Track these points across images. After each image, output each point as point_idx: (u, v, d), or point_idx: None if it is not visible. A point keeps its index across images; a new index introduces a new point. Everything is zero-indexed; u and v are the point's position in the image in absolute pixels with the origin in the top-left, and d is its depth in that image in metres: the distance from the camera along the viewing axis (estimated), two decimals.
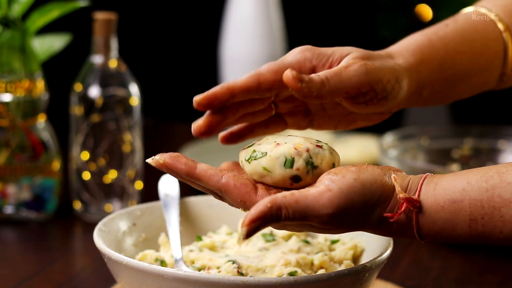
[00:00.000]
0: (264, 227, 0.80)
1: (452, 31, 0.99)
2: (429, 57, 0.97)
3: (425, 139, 1.56)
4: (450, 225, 0.81)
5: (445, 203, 0.81)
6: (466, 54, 0.99)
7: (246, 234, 0.79)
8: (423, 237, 0.83)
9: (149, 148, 1.57)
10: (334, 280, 0.86)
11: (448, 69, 0.98)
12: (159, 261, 0.98)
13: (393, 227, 0.82)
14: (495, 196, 0.79)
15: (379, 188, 0.82)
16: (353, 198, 0.81)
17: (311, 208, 0.80)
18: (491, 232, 0.80)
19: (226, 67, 2.04)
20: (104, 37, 1.36)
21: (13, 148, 1.36)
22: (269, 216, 0.79)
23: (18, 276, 1.18)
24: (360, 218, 0.82)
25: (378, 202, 0.82)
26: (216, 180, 0.84)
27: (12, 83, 1.35)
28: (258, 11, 2.01)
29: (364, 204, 0.81)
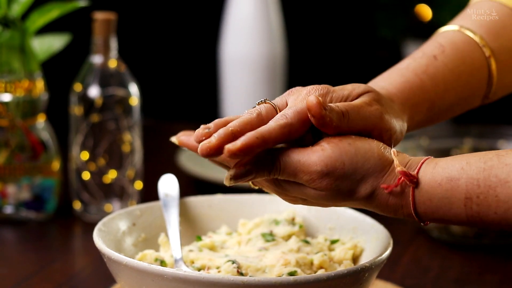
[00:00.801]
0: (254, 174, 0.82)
1: (441, 65, 0.99)
2: (421, 102, 0.97)
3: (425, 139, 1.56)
4: (446, 203, 0.81)
5: (442, 180, 0.82)
6: (454, 90, 1.00)
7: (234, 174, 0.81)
8: (420, 215, 0.83)
9: (149, 148, 1.57)
10: (333, 280, 0.86)
11: (436, 107, 0.99)
12: (158, 261, 0.98)
13: (388, 201, 0.83)
14: (492, 176, 0.80)
15: (374, 157, 0.83)
16: (343, 160, 0.82)
17: (301, 163, 0.82)
18: (486, 213, 0.80)
19: (226, 67, 2.05)
20: (103, 37, 1.36)
21: (12, 148, 1.36)
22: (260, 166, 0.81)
23: (18, 276, 1.18)
24: (351, 184, 0.82)
25: (372, 172, 0.82)
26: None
27: (11, 83, 1.35)
28: (258, 11, 2.01)
29: (354, 169, 0.82)
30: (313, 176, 0.82)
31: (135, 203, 1.40)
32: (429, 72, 0.99)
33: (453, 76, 1.00)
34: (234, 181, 0.81)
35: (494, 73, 1.02)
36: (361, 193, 0.83)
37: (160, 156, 1.70)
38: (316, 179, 0.82)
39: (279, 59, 2.04)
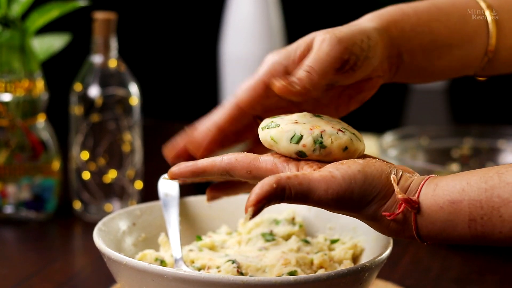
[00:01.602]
0: (267, 205, 0.81)
1: (427, 3, 1.01)
2: (399, 19, 0.98)
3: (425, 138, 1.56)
4: (450, 226, 0.81)
5: (444, 203, 0.81)
6: (442, 23, 1.00)
7: (252, 214, 0.80)
8: (423, 238, 0.83)
9: (149, 148, 1.57)
10: (333, 280, 0.86)
11: (424, 35, 0.99)
12: (159, 261, 0.98)
13: (390, 225, 0.83)
14: (494, 196, 0.79)
15: (381, 184, 0.82)
16: (353, 188, 0.82)
17: (312, 192, 0.81)
18: (491, 232, 0.80)
19: (225, 67, 2.04)
20: (103, 37, 1.36)
21: (12, 148, 1.36)
22: (273, 196, 0.81)
23: (18, 275, 1.18)
24: (358, 208, 0.82)
25: (377, 198, 0.82)
26: (218, 162, 0.88)
27: (11, 83, 1.35)
28: (258, 11, 2.01)
29: (362, 196, 0.82)
30: (321, 204, 0.82)
31: (135, 203, 1.40)
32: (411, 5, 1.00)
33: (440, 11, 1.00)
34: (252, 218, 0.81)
35: (492, 24, 1.01)
36: (365, 215, 0.83)
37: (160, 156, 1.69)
38: (325, 205, 0.82)
39: None
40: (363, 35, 0.93)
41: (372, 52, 0.94)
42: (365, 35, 0.93)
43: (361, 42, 0.93)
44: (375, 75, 0.97)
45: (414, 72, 1.00)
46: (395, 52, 0.98)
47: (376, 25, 0.96)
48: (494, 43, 1.01)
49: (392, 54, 0.97)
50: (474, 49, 1.01)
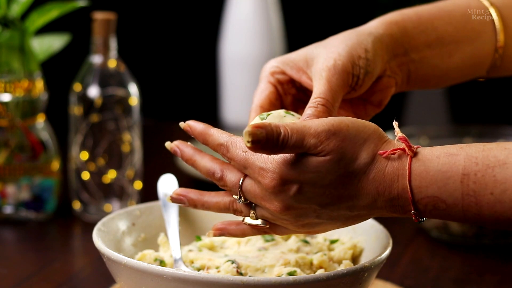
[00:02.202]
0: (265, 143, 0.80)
1: (428, 5, 1.02)
2: (400, 20, 0.99)
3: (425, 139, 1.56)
4: (443, 178, 0.81)
5: (440, 154, 0.82)
6: (445, 21, 1.00)
7: (251, 132, 0.80)
8: (414, 189, 0.82)
9: (148, 148, 1.57)
10: (333, 280, 0.86)
11: (428, 32, 0.99)
12: (158, 261, 0.98)
13: (386, 170, 0.82)
14: (491, 156, 0.80)
15: (372, 126, 0.84)
16: (347, 123, 0.83)
17: (307, 127, 0.82)
18: (482, 192, 0.80)
19: (225, 67, 2.05)
20: (103, 37, 1.36)
21: (12, 148, 1.36)
22: (270, 130, 0.81)
23: (18, 276, 1.18)
24: (354, 147, 0.82)
25: (372, 137, 0.83)
26: (226, 135, 0.87)
27: (11, 83, 1.35)
28: (258, 11, 2.01)
29: (357, 131, 0.83)
30: (320, 137, 0.82)
31: (134, 203, 1.40)
32: (411, 9, 1.01)
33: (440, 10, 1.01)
34: (251, 138, 0.80)
35: (498, 20, 1.01)
36: (361, 159, 0.82)
37: (159, 156, 1.70)
38: (324, 140, 0.82)
39: None
40: (360, 49, 0.94)
41: (372, 66, 0.94)
42: (361, 49, 0.94)
43: (358, 59, 0.94)
44: (385, 75, 0.97)
45: (428, 72, 1.00)
46: (400, 50, 0.98)
47: (374, 30, 0.97)
48: (503, 38, 1.01)
49: (398, 53, 0.98)
50: (483, 45, 1.02)
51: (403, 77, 0.99)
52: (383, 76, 0.98)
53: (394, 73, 0.98)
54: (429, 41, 0.99)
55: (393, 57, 0.98)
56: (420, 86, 1.02)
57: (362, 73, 0.94)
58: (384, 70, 0.97)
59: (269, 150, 0.81)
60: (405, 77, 0.99)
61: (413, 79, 1.00)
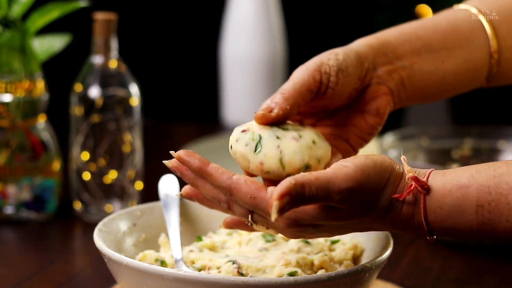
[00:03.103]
0: (291, 204, 0.79)
1: (411, 22, 1.02)
2: (380, 35, 0.99)
3: (425, 139, 1.56)
4: (458, 211, 0.81)
5: (452, 187, 0.81)
6: (430, 29, 1.00)
7: (279, 207, 0.78)
8: (430, 224, 0.82)
9: (149, 148, 1.57)
10: (334, 280, 0.86)
11: (412, 41, 1.00)
12: (159, 262, 0.98)
13: (402, 211, 0.83)
14: (503, 183, 0.80)
15: (389, 167, 0.83)
16: (368, 173, 0.82)
17: (331, 183, 0.81)
18: (498, 220, 0.80)
19: (226, 67, 2.05)
20: (104, 38, 1.36)
21: (13, 148, 1.36)
22: (295, 192, 0.79)
23: (18, 276, 1.18)
24: (373, 197, 0.82)
25: (390, 181, 0.83)
26: (227, 176, 0.85)
27: (12, 84, 1.35)
28: (258, 11, 2.01)
29: (378, 179, 0.82)
30: (345, 194, 0.81)
31: (135, 203, 1.40)
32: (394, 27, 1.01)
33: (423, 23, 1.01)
34: (281, 213, 0.79)
35: (488, 27, 1.01)
36: (380, 206, 0.83)
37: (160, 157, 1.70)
38: (347, 197, 0.81)
39: (280, 59, 2.04)
40: (330, 54, 0.95)
41: (343, 64, 0.94)
42: (331, 54, 0.95)
43: (327, 60, 0.94)
44: (373, 83, 0.97)
45: (424, 79, 1.00)
46: (383, 59, 0.98)
47: (351, 44, 0.98)
48: (495, 43, 1.01)
49: (381, 61, 0.98)
50: (476, 50, 1.02)
51: (398, 85, 0.99)
52: (371, 84, 0.98)
53: (384, 80, 0.98)
54: (415, 49, 1.00)
55: (378, 65, 0.98)
56: (421, 98, 1.01)
57: (334, 70, 0.94)
58: (371, 78, 0.98)
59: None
60: (400, 86, 0.99)
61: (409, 87, 1.00)
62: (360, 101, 0.98)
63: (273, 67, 2.03)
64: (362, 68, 0.96)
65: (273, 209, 0.79)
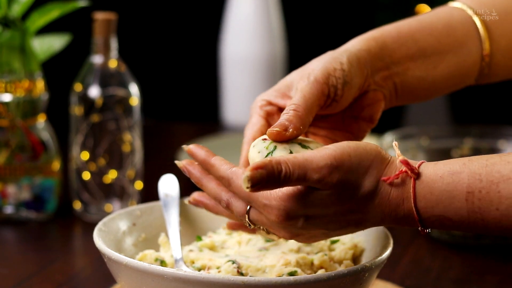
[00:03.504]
0: (266, 180, 0.80)
1: (408, 19, 1.02)
2: (378, 36, 0.99)
3: (425, 139, 1.56)
4: (448, 197, 0.81)
5: (443, 173, 0.81)
6: (426, 33, 1.00)
7: (250, 176, 0.79)
8: (419, 210, 0.82)
9: (149, 148, 1.57)
10: (334, 280, 0.86)
11: (408, 45, 1.00)
12: (159, 261, 0.98)
13: (390, 195, 0.82)
14: (494, 172, 0.80)
15: (373, 150, 0.83)
16: (349, 152, 0.82)
17: (309, 161, 0.81)
18: (487, 208, 0.80)
19: (226, 68, 2.05)
20: (104, 37, 1.36)
21: (13, 148, 1.36)
22: (271, 168, 0.80)
23: (18, 276, 1.18)
24: (357, 178, 0.82)
25: (374, 164, 0.83)
26: (227, 167, 0.87)
27: (12, 83, 1.35)
28: (258, 11, 2.01)
29: (359, 160, 0.82)
30: (323, 172, 0.81)
31: (135, 203, 1.40)
32: (391, 25, 1.01)
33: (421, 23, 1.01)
34: (252, 186, 0.80)
35: (482, 29, 1.01)
36: (366, 188, 0.83)
37: (160, 156, 1.70)
38: (326, 175, 0.81)
39: (279, 59, 2.04)
40: (335, 63, 0.95)
41: (349, 76, 0.95)
42: (337, 62, 0.95)
43: (334, 71, 0.94)
44: (370, 89, 0.98)
45: (414, 84, 1.00)
46: (381, 64, 0.98)
47: (351, 47, 0.98)
48: (488, 46, 1.01)
49: (379, 67, 0.98)
50: (468, 55, 1.02)
51: (390, 90, 0.99)
52: (368, 91, 0.98)
53: (380, 87, 0.98)
54: (410, 53, 1.00)
55: (375, 71, 0.98)
56: (409, 100, 1.02)
57: (340, 83, 0.94)
58: (368, 85, 0.98)
59: (270, 188, 0.81)
60: (392, 91, 1.00)
61: (400, 92, 1.00)
62: (356, 107, 0.98)
63: (273, 67, 2.03)
64: (362, 76, 0.97)
65: (243, 178, 0.79)
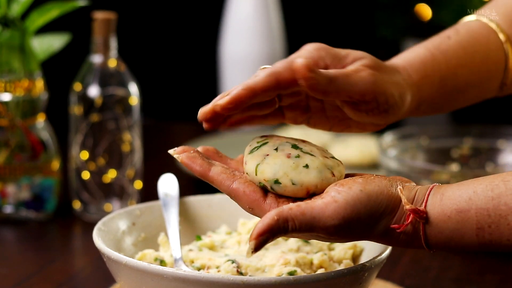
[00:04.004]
0: (272, 239, 0.80)
1: (454, 43, 1.01)
2: (431, 73, 0.98)
3: (425, 138, 1.56)
4: (458, 235, 0.81)
5: (451, 213, 0.81)
6: (467, 67, 1.01)
7: (254, 247, 0.80)
8: (431, 247, 0.83)
9: (149, 147, 1.57)
10: (333, 280, 0.86)
11: (449, 82, 1.00)
12: (158, 261, 0.98)
13: (400, 237, 0.83)
14: (501, 204, 0.79)
15: (385, 199, 0.82)
16: (359, 209, 0.81)
17: (317, 220, 0.81)
18: (499, 240, 0.81)
19: (226, 67, 2.04)
20: (103, 37, 1.36)
21: (12, 147, 1.36)
22: (276, 229, 0.80)
23: (18, 275, 1.18)
24: (366, 229, 0.82)
25: (384, 213, 0.82)
26: (227, 185, 0.86)
27: (11, 83, 1.35)
28: (258, 11, 2.01)
29: (370, 215, 0.82)
30: (330, 230, 0.81)
31: (134, 202, 1.40)
32: (441, 48, 1.00)
33: (466, 53, 1.00)
34: (255, 252, 0.80)
35: (510, 57, 1.02)
36: (375, 233, 0.83)
37: (160, 156, 1.70)
38: (333, 232, 0.81)
39: (279, 59, 2.04)
40: (397, 91, 0.93)
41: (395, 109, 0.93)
42: (398, 92, 0.93)
43: (390, 96, 0.92)
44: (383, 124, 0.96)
45: (426, 113, 1.01)
46: (417, 105, 0.98)
47: (412, 82, 0.96)
48: (510, 75, 1.02)
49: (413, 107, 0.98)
50: (490, 86, 1.03)
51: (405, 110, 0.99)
52: None
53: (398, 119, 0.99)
54: (446, 91, 1.00)
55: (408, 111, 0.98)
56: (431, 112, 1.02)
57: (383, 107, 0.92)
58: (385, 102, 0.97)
59: None
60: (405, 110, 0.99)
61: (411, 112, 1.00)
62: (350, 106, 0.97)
63: None
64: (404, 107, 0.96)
65: (247, 250, 0.80)
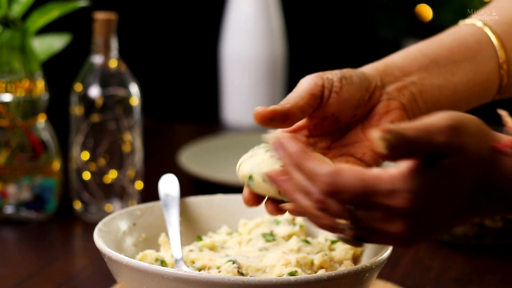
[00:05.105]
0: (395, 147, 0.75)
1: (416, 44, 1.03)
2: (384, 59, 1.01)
3: None
4: None
5: None
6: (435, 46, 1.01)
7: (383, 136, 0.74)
8: None
9: (149, 148, 1.57)
10: (334, 280, 0.86)
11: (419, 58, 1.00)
12: (159, 261, 0.98)
13: (506, 162, 0.81)
14: None
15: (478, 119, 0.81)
16: (461, 115, 0.79)
17: (430, 125, 0.76)
18: None
19: (226, 67, 2.05)
20: (104, 37, 1.36)
21: (13, 148, 1.36)
22: (393, 131, 0.75)
23: (18, 276, 1.18)
24: (479, 146, 0.80)
25: (484, 131, 0.81)
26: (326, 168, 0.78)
27: (12, 83, 1.35)
28: (258, 11, 2.01)
29: (478, 127, 0.80)
30: (448, 133, 0.76)
31: (135, 203, 1.40)
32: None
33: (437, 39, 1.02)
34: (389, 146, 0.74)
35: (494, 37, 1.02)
36: (484, 152, 0.81)
37: (160, 156, 1.70)
38: (454, 136, 0.76)
39: (280, 59, 2.04)
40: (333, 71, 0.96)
41: (347, 73, 0.95)
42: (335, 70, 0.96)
43: (330, 72, 0.95)
44: (382, 99, 0.97)
45: (436, 93, 1.00)
46: (390, 78, 0.98)
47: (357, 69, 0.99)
48: (503, 54, 1.03)
49: (389, 80, 0.98)
50: (484, 61, 1.02)
51: (409, 100, 0.99)
52: (381, 100, 0.98)
53: (395, 96, 0.98)
54: (423, 66, 1.00)
55: (386, 84, 0.98)
56: (437, 109, 1.00)
57: (337, 76, 0.94)
58: (380, 95, 0.97)
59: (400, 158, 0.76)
60: (412, 100, 0.99)
61: (421, 101, 0.99)
62: (373, 116, 0.97)
63: (273, 67, 2.03)
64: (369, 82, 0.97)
65: (377, 137, 0.73)
